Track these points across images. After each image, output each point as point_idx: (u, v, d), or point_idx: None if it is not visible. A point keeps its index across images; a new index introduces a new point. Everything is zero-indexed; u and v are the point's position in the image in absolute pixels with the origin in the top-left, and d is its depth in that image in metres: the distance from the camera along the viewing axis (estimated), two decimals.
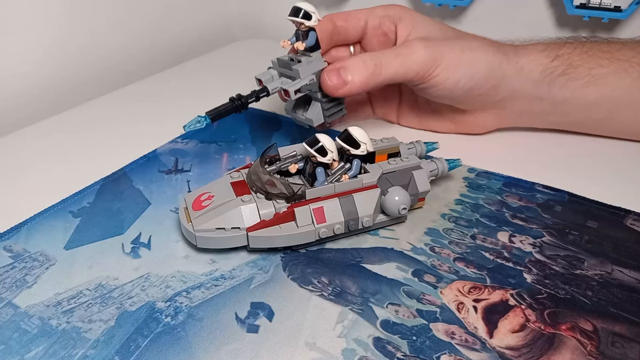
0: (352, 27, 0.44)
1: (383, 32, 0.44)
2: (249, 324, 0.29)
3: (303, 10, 0.38)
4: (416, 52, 0.39)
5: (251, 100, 0.39)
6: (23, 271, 0.33)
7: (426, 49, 0.39)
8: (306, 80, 0.39)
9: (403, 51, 0.39)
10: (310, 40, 0.39)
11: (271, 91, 0.40)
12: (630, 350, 0.27)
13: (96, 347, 0.28)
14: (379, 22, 0.43)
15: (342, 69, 0.39)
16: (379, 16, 0.43)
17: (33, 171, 0.44)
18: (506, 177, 0.42)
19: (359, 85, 0.39)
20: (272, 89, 0.40)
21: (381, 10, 0.43)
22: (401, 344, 0.28)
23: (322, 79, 0.39)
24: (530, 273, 0.32)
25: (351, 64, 0.39)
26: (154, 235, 0.36)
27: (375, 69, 0.38)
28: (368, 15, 0.44)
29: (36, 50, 0.56)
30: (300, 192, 0.33)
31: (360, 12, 0.44)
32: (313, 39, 0.39)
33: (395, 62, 0.39)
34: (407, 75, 0.39)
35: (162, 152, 0.46)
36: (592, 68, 0.42)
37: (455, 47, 0.40)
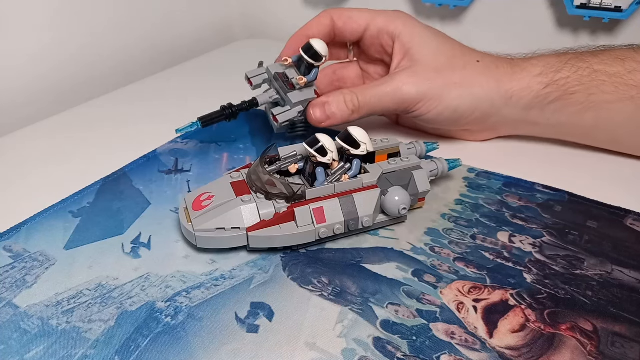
0: (349, 31, 0.44)
1: (381, 44, 0.44)
2: (249, 324, 0.29)
3: (314, 50, 0.40)
4: (399, 87, 0.40)
5: (242, 110, 0.42)
6: (23, 271, 0.33)
7: (406, 87, 0.40)
8: (295, 113, 0.41)
9: (386, 90, 0.41)
10: (311, 76, 0.41)
11: (260, 104, 0.42)
12: (630, 350, 0.27)
13: (96, 347, 0.28)
14: (378, 34, 0.43)
15: (327, 104, 0.41)
16: (379, 27, 0.43)
17: (33, 171, 0.44)
18: (506, 177, 0.42)
19: (339, 121, 0.41)
20: (262, 103, 0.42)
21: (382, 21, 0.43)
22: (401, 344, 0.28)
23: (308, 112, 0.41)
24: (530, 273, 0.32)
25: (333, 100, 0.41)
26: (154, 235, 0.36)
27: (354, 108, 0.41)
28: (369, 22, 0.43)
29: (36, 51, 0.56)
30: (300, 192, 0.33)
31: (362, 16, 0.43)
32: (314, 76, 0.41)
33: (375, 98, 0.41)
34: (390, 108, 0.41)
35: (162, 152, 0.46)
36: (593, 94, 0.39)
37: (440, 82, 0.40)
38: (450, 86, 0.40)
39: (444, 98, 0.40)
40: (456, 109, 0.41)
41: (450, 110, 0.41)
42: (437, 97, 0.40)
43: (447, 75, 0.41)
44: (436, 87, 0.40)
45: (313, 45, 0.40)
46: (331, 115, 0.41)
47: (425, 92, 0.40)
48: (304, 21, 0.46)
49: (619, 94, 0.39)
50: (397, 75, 0.41)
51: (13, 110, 0.55)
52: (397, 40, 0.42)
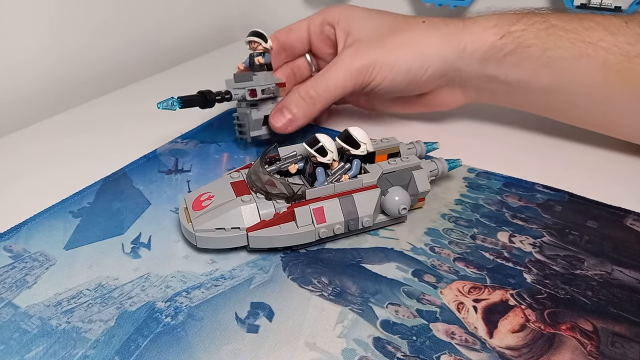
0: (296, 40, 0.46)
1: (326, 36, 0.45)
2: (249, 324, 0.29)
3: (261, 33, 0.43)
4: (347, 64, 0.41)
5: (217, 98, 0.42)
6: (23, 271, 0.33)
7: (356, 58, 0.40)
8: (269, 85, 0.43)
9: (335, 69, 0.41)
10: (267, 58, 0.44)
11: (234, 96, 0.43)
12: (630, 350, 0.27)
13: (96, 347, 0.28)
14: (320, 29, 0.45)
15: (284, 108, 0.41)
16: (318, 23, 0.45)
17: (33, 171, 0.44)
18: (506, 177, 0.42)
19: (302, 119, 0.41)
20: (235, 94, 0.43)
21: (319, 17, 0.45)
22: (401, 344, 0.28)
23: (270, 122, 0.42)
24: (530, 273, 0.32)
25: (289, 101, 0.41)
26: (154, 235, 0.36)
27: (312, 100, 0.41)
28: (309, 24, 0.46)
29: (36, 51, 0.56)
30: (300, 192, 0.33)
31: (301, 23, 0.46)
32: (269, 59, 0.44)
33: (330, 82, 0.41)
34: (347, 89, 0.41)
35: (162, 152, 0.46)
36: (549, 49, 0.38)
37: (387, 47, 0.41)
38: (397, 49, 0.41)
39: (393, 62, 0.40)
40: (408, 70, 0.40)
41: (403, 73, 0.41)
42: (387, 63, 0.40)
43: (391, 40, 0.41)
44: (383, 53, 0.40)
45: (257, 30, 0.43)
46: (293, 116, 0.41)
47: (374, 60, 0.40)
48: None
49: (574, 50, 0.38)
50: (342, 53, 0.41)
51: (13, 110, 0.55)
52: (337, 27, 0.44)
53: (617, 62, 0.37)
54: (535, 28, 0.39)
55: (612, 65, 0.37)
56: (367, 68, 0.40)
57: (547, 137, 0.46)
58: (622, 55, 0.37)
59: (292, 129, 0.42)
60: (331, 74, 0.41)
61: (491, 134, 0.48)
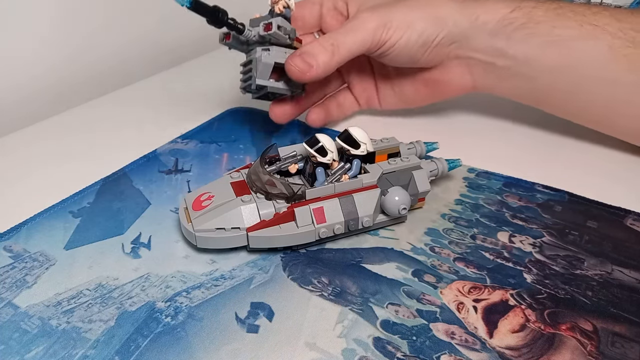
0: (307, 13, 0.46)
1: (339, 11, 0.45)
2: (249, 324, 0.29)
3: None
4: (365, 21, 0.40)
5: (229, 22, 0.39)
6: (23, 271, 0.33)
7: (373, 16, 0.40)
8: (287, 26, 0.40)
9: (353, 25, 0.40)
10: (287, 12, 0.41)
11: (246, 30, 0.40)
12: (630, 350, 0.27)
13: (96, 347, 0.28)
14: (333, 4, 0.45)
15: (304, 54, 0.39)
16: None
17: (33, 171, 0.44)
18: (506, 177, 0.42)
19: (323, 67, 0.39)
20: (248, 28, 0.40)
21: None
22: (401, 344, 0.28)
23: (288, 66, 0.39)
24: (530, 273, 0.32)
25: (310, 48, 0.39)
26: (154, 235, 0.36)
27: (333, 49, 0.39)
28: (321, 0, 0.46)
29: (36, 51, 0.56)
30: (300, 192, 0.33)
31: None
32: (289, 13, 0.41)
33: (349, 36, 0.40)
34: (364, 45, 0.40)
35: (162, 152, 0.46)
36: (556, 27, 0.39)
37: (402, 8, 0.41)
38: (413, 9, 0.41)
39: (409, 21, 0.41)
40: (423, 30, 0.41)
41: (417, 33, 0.41)
42: (403, 21, 0.40)
43: (407, 2, 0.42)
44: (399, 13, 0.41)
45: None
46: (312, 62, 0.39)
47: (391, 18, 0.40)
48: None
49: (582, 31, 0.39)
50: (359, 13, 0.41)
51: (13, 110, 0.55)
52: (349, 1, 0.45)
53: (623, 47, 0.38)
54: (545, 6, 0.40)
55: (619, 49, 0.38)
56: (384, 25, 0.40)
57: (547, 137, 0.46)
58: (628, 41, 0.37)
59: (311, 76, 0.39)
60: (350, 28, 0.40)
61: (491, 134, 0.48)
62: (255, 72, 0.41)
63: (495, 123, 0.49)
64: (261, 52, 0.41)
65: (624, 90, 0.39)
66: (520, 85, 0.43)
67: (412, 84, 0.47)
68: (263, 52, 0.41)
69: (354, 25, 0.40)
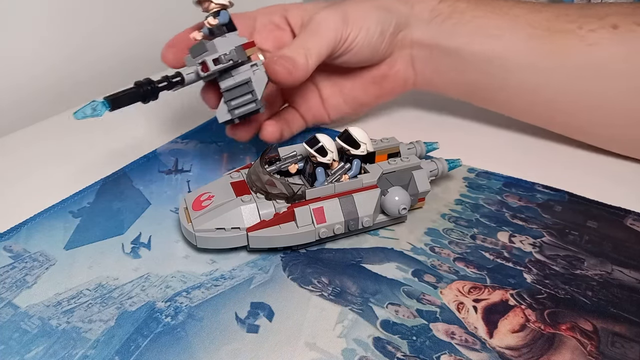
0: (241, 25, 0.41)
1: (275, 25, 0.44)
2: (249, 324, 0.29)
3: None
4: (324, 21, 0.40)
5: (162, 86, 0.34)
6: (23, 271, 0.33)
7: (330, 14, 0.40)
8: (225, 50, 0.35)
9: (314, 27, 0.39)
10: (222, 17, 0.35)
11: (186, 76, 0.35)
12: (630, 350, 0.27)
13: (96, 347, 0.28)
14: (268, 18, 0.44)
15: (282, 57, 0.37)
16: (265, 13, 0.44)
17: (33, 171, 0.44)
18: (506, 177, 0.42)
19: (303, 69, 0.37)
20: (187, 73, 0.35)
21: (265, 9, 0.44)
22: (401, 344, 0.28)
23: (273, 70, 0.36)
24: (530, 273, 0.32)
25: (285, 52, 0.37)
26: (154, 235, 0.36)
27: (305, 52, 0.38)
28: (256, 14, 0.44)
29: (36, 50, 0.56)
30: (300, 192, 0.33)
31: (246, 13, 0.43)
32: (226, 17, 0.36)
33: (315, 39, 0.39)
34: (330, 45, 0.39)
35: (162, 152, 0.46)
36: (478, 17, 0.42)
37: (352, 3, 0.42)
38: (360, 4, 0.42)
39: (363, 13, 0.41)
40: (378, 20, 0.41)
41: (374, 23, 0.41)
42: (359, 15, 0.41)
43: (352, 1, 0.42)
44: (352, 7, 0.41)
45: None
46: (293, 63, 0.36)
47: (346, 13, 0.40)
48: None
49: (502, 21, 0.41)
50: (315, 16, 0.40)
51: (13, 110, 0.55)
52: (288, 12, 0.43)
53: (541, 35, 0.40)
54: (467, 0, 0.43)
55: (537, 37, 0.40)
56: (343, 21, 0.40)
57: (547, 137, 0.46)
58: (545, 30, 0.40)
59: (296, 77, 0.37)
60: (312, 31, 0.39)
61: (491, 134, 0.48)
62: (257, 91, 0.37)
63: (495, 123, 0.49)
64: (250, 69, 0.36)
65: (544, 77, 0.41)
66: (454, 77, 0.45)
67: (361, 85, 0.46)
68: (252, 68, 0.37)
69: (315, 27, 0.39)
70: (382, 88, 0.46)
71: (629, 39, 0.38)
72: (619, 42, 0.38)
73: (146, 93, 0.34)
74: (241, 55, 0.36)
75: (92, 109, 0.32)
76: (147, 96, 0.34)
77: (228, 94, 0.36)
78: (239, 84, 0.36)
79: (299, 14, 0.43)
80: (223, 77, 0.36)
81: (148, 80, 0.34)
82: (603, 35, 0.39)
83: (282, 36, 0.44)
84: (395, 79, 0.46)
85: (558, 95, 0.41)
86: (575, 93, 0.40)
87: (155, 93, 0.34)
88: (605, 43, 0.38)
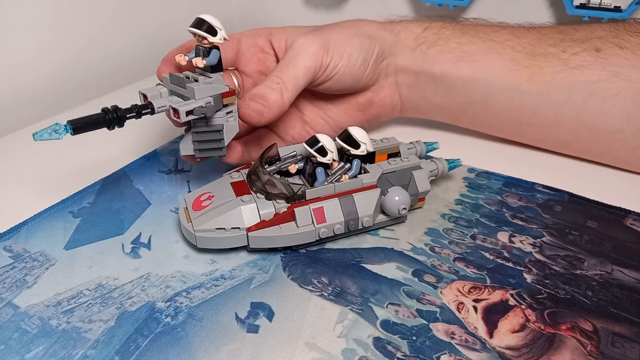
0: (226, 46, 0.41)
1: (259, 48, 0.43)
2: (249, 324, 0.29)
3: (207, 23, 0.33)
4: (303, 48, 0.39)
5: (130, 115, 0.33)
6: (23, 271, 0.33)
7: (309, 41, 0.39)
8: (202, 102, 0.33)
9: (292, 55, 0.39)
10: (212, 58, 0.34)
11: (157, 109, 0.33)
12: (630, 350, 0.27)
13: (96, 347, 0.28)
14: (253, 41, 0.43)
15: (255, 96, 0.36)
16: (250, 35, 0.43)
17: (33, 171, 0.44)
18: (506, 177, 0.42)
19: (276, 108, 0.36)
20: (159, 106, 0.33)
21: (250, 32, 0.44)
22: (401, 344, 0.28)
23: (243, 111, 0.36)
24: (530, 273, 0.32)
25: (257, 90, 0.36)
26: (154, 235, 0.36)
27: (280, 87, 0.37)
28: (240, 36, 0.43)
29: (36, 51, 0.56)
30: (300, 192, 0.33)
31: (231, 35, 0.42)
32: (216, 58, 0.34)
33: (292, 69, 0.38)
34: (309, 73, 0.39)
35: (162, 152, 0.46)
36: (463, 44, 0.43)
37: (334, 29, 0.42)
38: (344, 29, 0.42)
39: (344, 39, 0.41)
40: (360, 46, 0.41)
41: (357, 50, 0.41)
42: (340, 41, 0.40)
43: (335, 27, 0.42)
44: (333, 34, 0.41)
45: (205, 19, 0.33)
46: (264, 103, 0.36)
47: (327, 40, 0.40)
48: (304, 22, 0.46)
49: (486, 46, 0.42)
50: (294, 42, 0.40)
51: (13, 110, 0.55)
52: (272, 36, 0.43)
53: (524, 59, 0.41)
54: (451, 26, 0.44)
55: (520, 61, 0.41)
56: (323, 47, 0.39)
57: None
58: (527, 53, 0.41)
59: (266, 119, 0.36)
60: (290, 59, 0.38)
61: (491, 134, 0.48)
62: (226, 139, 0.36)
63: None
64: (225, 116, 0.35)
65: (528, 99, 0.41)
66: (440, 102, 0.45)
67: (345, 111, 0.45)
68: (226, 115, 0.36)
69: (293, 55, 0.39)
70: (367, 114, 0.46)
71: (612, 62, 0.39)
72: (602, 64, 0.39)
73: (112, 120, 0.33)
74: (218, 105, 0.35)
75: (53, 131, 0.31)
76: (113, 123, 0.33)
77: (197, 135, 0.35)
78: (211, 130, 0.35)
79: (283, 38, 0.43)
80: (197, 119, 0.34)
81: (115, 107, 0.33)
82: (586, 58, 0.39)
83: (266, 60, 0.43)
84: (381, 105, 0.46)
85: (542, 116, 0.42)
86: (561, 114, 0.41)
87: (122, 121, 0.33)
88: (588, 66, 0.39)
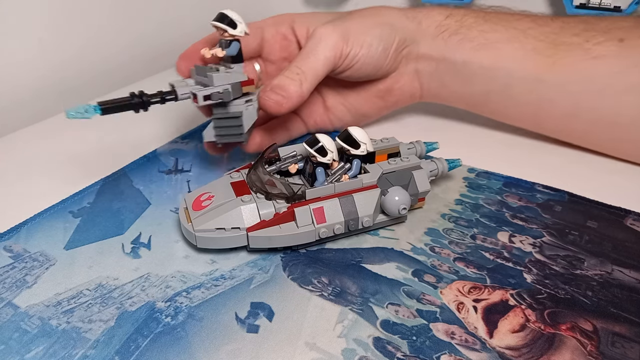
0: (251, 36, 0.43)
1: (282, 36, 0.44)
2: (249, 324, 0.29)
3: (229, 17, 0.36)
4: (323, 38, 0.39)
5: (155, 100, 0.36)
6: (23, 271, 0.33)
7: (329, 31, 0.40)
8: (219, 89, 0.36)
9: (312, 45, 0.39)
10: (232, 49, 0.37)
11: (180, 95, 0.36)
12: (630, 350, 0.27)
13: (96, 347, 0.28)
14: (275, 29, 0.44)
15: (275, 87, 0.37)
16: (272, 24, 0.44)
17: (33, 171, 0.44)
18: (506, 177, 0.42)
19: (296, 97, 0.37)
20: (182, 93, 0.36)
21: (273, 19, 0.45)
22: (401, 344, 0.28)
23: (263, 101, 0.37)
24: (530, 273, 0.32)
25: (278, 80, 0.37)
26: (154, 235, 0.36)
27: (300, 77, 0.38)
28: (263, 25, 0.44)
29: (36, 51, 0.56)
30: (300, 192, 0.33)
31: (255, 23, 0.44)
32: (235, 49, 0.37)
33: (312, 59, 0.39)
34: (329, 62, 0.39)
35: (162, 152, 0.46)
36: (485, 32, 0.42)
37: (355, 18, 0.42)
38: (365, 19, 0.42)
39: (365, 28, 0.41)
40: (381, 35, 0.41)
41: (377, 39, 0.41)
42: (360, 30, 0.41)
43: (356, 15, 0.42)
44: (354, 23, 0.41)
45: (226, 14, 0.36)
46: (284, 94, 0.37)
47: (347, 29, 0.40)
48: None
49: (508, 34, 0.42)
50: (315, 32, 0.40)
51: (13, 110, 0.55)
52: (295, 23, 0.44)
53: (546, 48, 0.41)
54: (474, 14, 0.44)
55: (542, 50, 0.41)
56: (343, 38, 0.40)
57: (547, 137, 0.46)
58: (549, 42, 0.41)
59: (286, 109, 0.37)
60: (310, 49, 0.39)
61: (491, 134, 0.48)
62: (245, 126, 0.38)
63: (495, 123, 0.49)
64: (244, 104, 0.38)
65: (548, 89, 0.41)
66: (460, 90, 0.45)
67: (365, 98, 0.46)
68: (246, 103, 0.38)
69: (313, 45, 0.39)
70: (386, 101, 0.47)
71: (635, 53, 0.38)
72: (625, 55, 0.38)
73: (138, 104, 0.35)
74: (236, 92, 0.37)
75: (84, 110, 0.34)
76: (138, 107, 0.35)
77: (218, 121, 0.38)
78: (230, 116, 0.38)
79: (305, 26, 0.44)
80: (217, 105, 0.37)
81: (141, 92, 0.35)
82: (609, 48, 0.39)
83: (289, 46, 0.45)
84: (400, 92, 0.46)
85: (561, 107, 0.41)
86: (580, 105, 0.40)
87: (146, 106, 0.36)
88: (611, 56, 0.39)
